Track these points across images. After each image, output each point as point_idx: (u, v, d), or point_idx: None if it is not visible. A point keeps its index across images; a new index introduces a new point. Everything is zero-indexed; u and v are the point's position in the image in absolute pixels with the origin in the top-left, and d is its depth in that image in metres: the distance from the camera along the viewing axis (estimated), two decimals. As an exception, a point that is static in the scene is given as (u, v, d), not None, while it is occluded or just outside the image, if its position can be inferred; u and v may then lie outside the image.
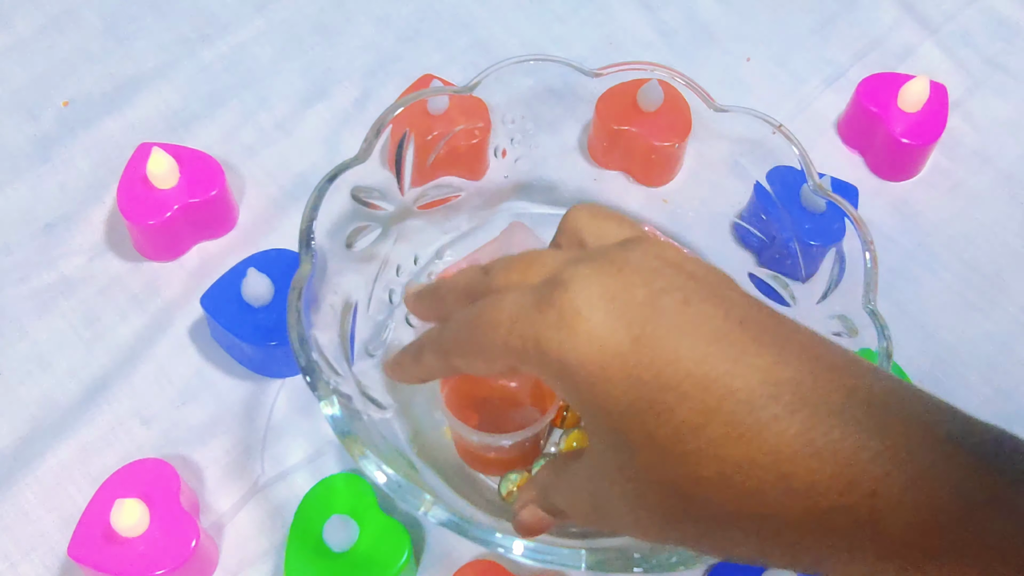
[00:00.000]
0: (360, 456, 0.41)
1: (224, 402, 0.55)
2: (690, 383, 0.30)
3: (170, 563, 0.47)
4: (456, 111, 0.54)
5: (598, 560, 0.40)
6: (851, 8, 0.72)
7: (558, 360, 0.31)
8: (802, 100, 0.68)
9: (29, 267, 0.59)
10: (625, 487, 0.33)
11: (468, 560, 0.50)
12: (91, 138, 0.64)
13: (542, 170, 0.58)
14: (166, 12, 0.70)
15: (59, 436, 0.54)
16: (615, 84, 0.55)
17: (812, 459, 0.28)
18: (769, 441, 0.29)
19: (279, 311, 0.54)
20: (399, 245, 0.55)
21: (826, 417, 0.29)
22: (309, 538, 0.48)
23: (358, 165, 0.49)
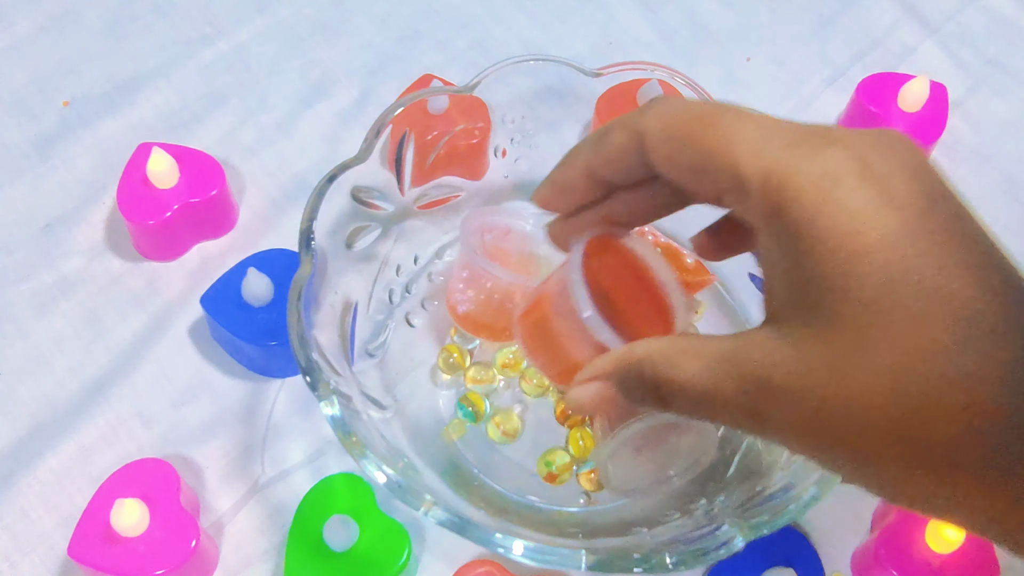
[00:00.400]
0: (360, 456, 0.41)
1: (224, 402, 0.55)
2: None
3: (170, 563, 0.47)
4: (456, 111, 0.54)
5: (598, 560, 0.40)
6: (851, 8, 0.72)
7: (805, 207, 0.29)
8: (802, 100, 0.68)
9: (29, 267, 0.59)
10: (848, 373, 0.28)
11: (468, 560, 0.50)
12: (91, 138, 0.64)
13: (542, 170, 0.58)
14: (166, 12, 0.70)
15: (59, 436, 0.54)
16: (615, 84, 0.55)
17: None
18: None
19: (279, 311, 0.54)
20: (399, 245, 0.55)
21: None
22: (309, 538, 0.48)
23: (358, 165, 0.49)
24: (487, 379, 0.53)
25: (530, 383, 0.53)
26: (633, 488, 0.49)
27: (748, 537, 0.40)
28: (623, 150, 0.35)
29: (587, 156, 0.36)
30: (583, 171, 0.37)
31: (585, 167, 0.37)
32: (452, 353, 0.54)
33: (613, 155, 0.35)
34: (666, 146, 0.33)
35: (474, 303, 0.52)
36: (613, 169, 0.36)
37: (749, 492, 0.46)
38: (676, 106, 0.33)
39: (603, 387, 0.35)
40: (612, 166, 0.36)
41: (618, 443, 0.46)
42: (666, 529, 0.47)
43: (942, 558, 0.48)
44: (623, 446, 0.46)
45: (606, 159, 0.36)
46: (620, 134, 0.35)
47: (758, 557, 0.49)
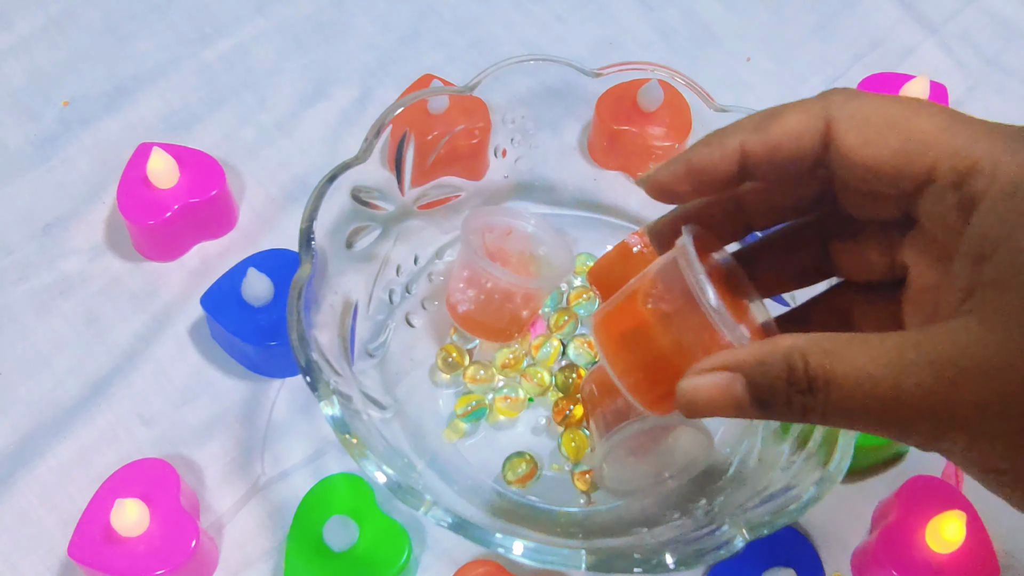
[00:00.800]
0: (360, 456, 0.41)
1: (224, 402, 0.55)
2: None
3: (170, 563, 0.47)
4: (456, 111, 0.54)
5: (598, 560, 0.40)
6: (851, 8, 0.72)
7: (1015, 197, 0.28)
8: (802, 100, 0.68)
9: (29, 267, 0.59)
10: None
11: (468, 560, 0.50)
12: (91, 138, 0.64)
13: (542, 170, 0.58)
14: (166, 12, 0.70)
15: (59, 436, 0.54)
16: (615, 84, 0.55)
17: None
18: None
19: (279, 311, 0.54)
20: (399, 245, 0.55)
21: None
22: (309, 538, 0.48)
23: (358, 165, 0.49)
24: (486, 378, 0.53)
25: (531, 381, 0.53)
26: (628, 489, 0.49)
27: (748, 537, 0.40)
28: (798, 134, 0.32)
29: (745, 137, 0.33)
30: (734, 154, 0.33)
31: (739, 150, 0.33)
32: (451, 353, 0.54)
33: (784, 139, 0.32)
34: (862, 132, 0.31)
35: (474, 303, 0.52)
36: (778, 155, 0.32)
37: (749, 492, 0.46)
38: (861, 95, 0.32)
39: (729, 381, 0.31)
40: (778, 152, 0.32)
41: (613, 444, 0.46)
42: (666, 529, 0.47)
43: (942, 558, 0.48)
44: (618, 447, 0.46)
45: (773, 143, 0.32)
46: (797, 116, 0.32)
47: (758, 557, 0.49)
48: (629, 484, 0.49)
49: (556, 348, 0.54)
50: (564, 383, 0.54)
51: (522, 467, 0.51)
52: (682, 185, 0.35)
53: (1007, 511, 0.52)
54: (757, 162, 0.33)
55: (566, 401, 0.53)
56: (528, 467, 0.51)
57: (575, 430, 0.52)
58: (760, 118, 0.33)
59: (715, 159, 0.33)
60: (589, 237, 0.59)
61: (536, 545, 0.40)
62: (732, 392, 0.31)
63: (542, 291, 0.53)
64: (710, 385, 0.31)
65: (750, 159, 0.33)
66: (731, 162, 0.33)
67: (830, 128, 0.31)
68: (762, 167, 0.33)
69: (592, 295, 0.56)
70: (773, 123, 0.32)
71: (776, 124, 0.32)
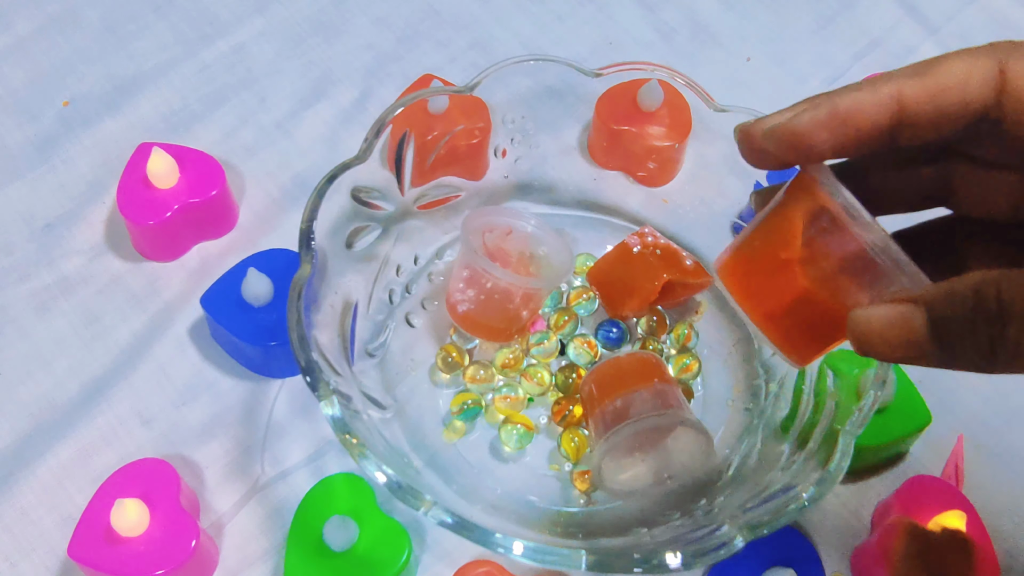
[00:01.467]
0: (360, 456, 0.41)
1: (224, 402, 0.55)
2: None
3: (170, 563, 0.47)
4: (456, 111, 0.54)
5: (598, 560, 0.40)
6: (851, 8, 0.72)
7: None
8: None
9: (29, 267, 0.59)
10: None
11: (468, 560, 0.50)
12: (91, 138, 0.64)
13: (542, 170, 0.58)
14: (166, 12, 0.70)
15: (59, 436, 0.54)
16: (615, 84, 0.55)
17: None
18: None
19: (279, 311, 0.54)
20: (399, 245, 0.55)
21: None
22: (309, 538, 0.48)
23: (358, 165, 0.49)
24: (486, 378, 0.53)
25: (531, 381, 0.53)
26: (626, 491, 0.49)
27: (748, 537, 0.40)
28: (965, 78, 0.29)
29: (903, 82, 0.30)
30: (891, 100, 0.30)
31: (895, 96, 0.30)
32: (451, 353, 0.54)
33: (950, 82, 0.29)
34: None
35: (474, 303, 0.52)
36: (942, 100, 0.29)
37: (749, 492, 0.46)
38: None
39: (909, 312, 0.28)
40: (942, 97, 0.29)
41: (611, 445, 0.46)
42: (666, 529, 0.47)
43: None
44: (616, 448, 0.46)
45: (937, 87, 0.29)
46: (964, 60, 0.29)
47: (758, 557, 0.49)
48: (628, 485, 0.49)
49: (553, 343, 0.54)
50: (564, 383, 0.54)
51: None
52: (821, 134, 0.31)
53: (1007, 511, 0.52)
54: (917, 110, 0.30)
55: (566, 401, 0.53)
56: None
57: (575, 430, 0.52)
58: (919, 65, 0.30)
59: (866, 104, 0.30)
60: (589, 237, 0.59)
61: (536, 545, 0.40)
62: (911, 325, 0.28)
63: (542, 291, 0.53)
64: (886, 316, 0.28)
65: (909, 107, 0.30)
66: (886, 109, 0.30)
67: (1004, 72, 0.29)
68: (923, 116, 0.30)
69: (592, 295, 0.56)
70: (936, 67, 0.30)
71: (940, 68, 0.30)
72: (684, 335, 0.56)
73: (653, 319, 0.55)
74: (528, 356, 0.55)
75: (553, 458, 0.53)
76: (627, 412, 0.46)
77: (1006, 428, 0.56)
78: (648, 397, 0.48)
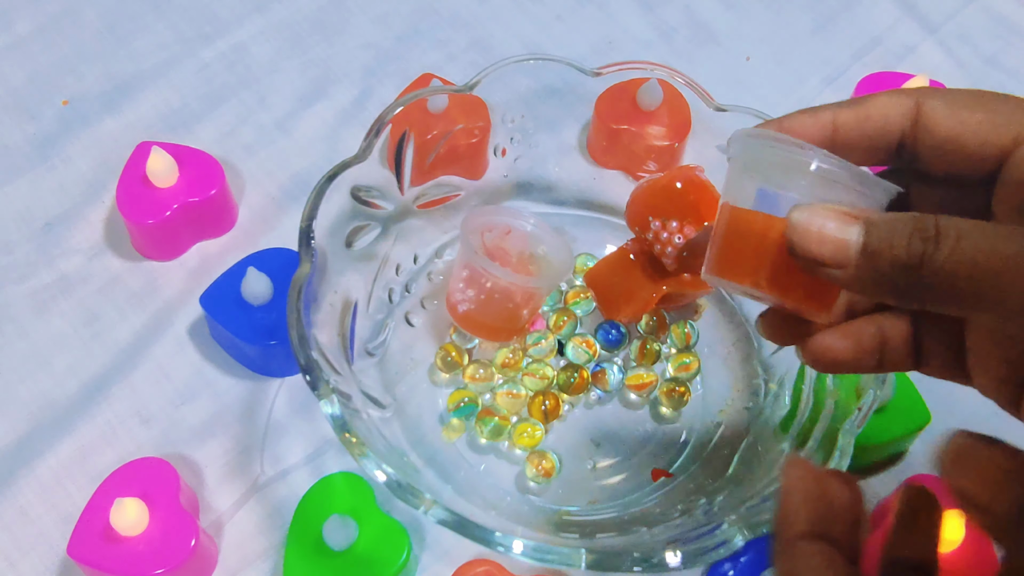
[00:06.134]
0: (360, 455, 0.41)
1: (224, 401, 0.55)
2: None
3: (169, 562, 0.47)
4: (456, 110, 0.54)
5: (598, 559, 0.40)
6: (851, 7, 0.73)
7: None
8: (802, 99, 0.68)
9: (29, 267, 0.59)
10: None
11: (467, 559, 0.50)
12: (91, 137, 0.64)
13: (542, 169, 0.58)
14: (166, 12, 0.70)
15: (59, 435, 0.54)
16: (615, 83, 0.55)
17: None
18: None
19: (279, 310, 0.54)
20: (399, 244, 0.55)
21: None
22: (308, 537, 0.48)
23: (358, 164, 0.49)
24: (485, 377, 0.53)
25: (533, 377, 0.53)
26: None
27: (748, 536, 0.40)
28: (888, 110, 0.35)
29: (837, 111, 0.35)
30: (827, 124, 0.36)
31: (831, 121, 0.35)
32: (450, 352, 0.54)
33: (875, 112, 0.35)
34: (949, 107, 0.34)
35: (474, 303, 0.52)
36: (868, 125, 0.35)
37: (749, 491, 0.46)
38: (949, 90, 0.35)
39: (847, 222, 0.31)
40: (868, 122, 0.35)
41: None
42: (666, 528, 0.47)
43: (942, 557, 0.48)
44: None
45: (864, 115, 0.35)
46: (889, 96, 0.35)
47: (758, 557, 0.49)
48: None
49: (551, 343, 0.54)
50: (566, 382, 0.54)
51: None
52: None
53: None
54: (848, 134, 0.35)
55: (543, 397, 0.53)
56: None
57: (543, 453, 0.52)
58: (855, 99, 0.36)
59: (807, 126, 0.36)
60: (588, 236, 0.59)
61: (536, 544, 0.40)
62: (845, 232, 0.30)
63: (542, 291, 0.53)
64: (825, 220, 0.31)
65: (840, 131, 0.35)
66: (823, 131, 0.35)
67: (920, 106, 0.35)
68: (852, 137, 0.35)
69: (590, 295, 0.56)
70: (866, 100, 0.36)
71: (870, 101, 0.35)
72: (684, 335, 0.56)
73: (653, 319, 0.55)
74: (526, 356, 0.55)
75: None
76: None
77: (1006, 428, 0.56)
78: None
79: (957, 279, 0.29)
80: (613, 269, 0.54)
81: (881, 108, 0.35)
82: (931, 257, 0.29)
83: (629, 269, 0.53)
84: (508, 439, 0.52)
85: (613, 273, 0.54)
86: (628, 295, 0.53)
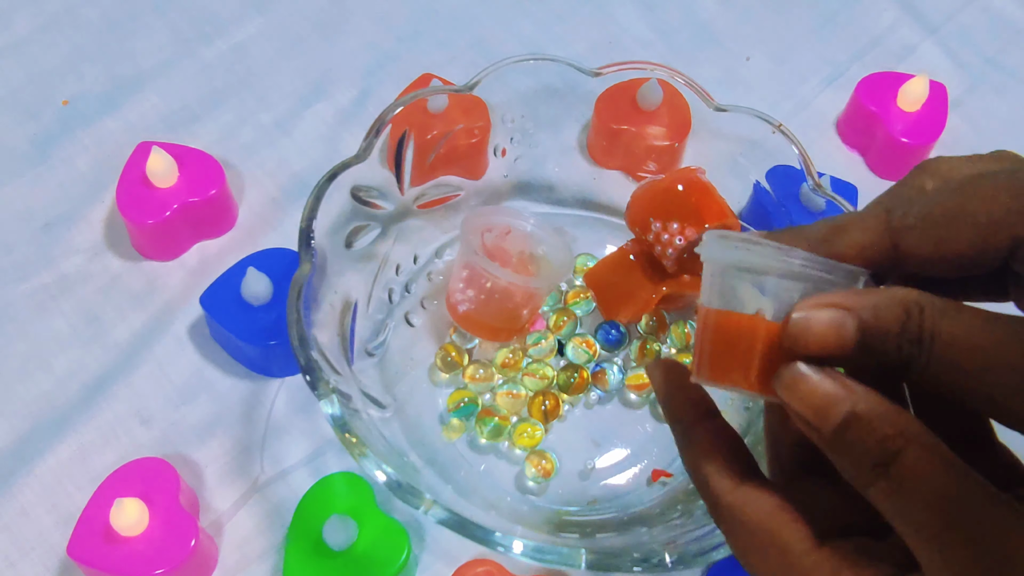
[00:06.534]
0: (360, 455, 0.41)
1: (223, 401, 0.55)
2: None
3: (169, 562, 0.47)
4: (456, 110, 0.54)
5: (597, 559, 0.40)
6: (851, 7, 0.73)
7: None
8: (802, 99, 0.68)
9: (29, 267, 0.59)
10: None
11: (468, 559, 0.50)
12: (91, 137, 0.64)
13: (542, 169, 0.58)
14: (166, 11, 0.70)
15: (59, 435, 0.54)
16: (615, 83, 0.55)
17: None
18: None
19: (278, 310, 0.54)
20: (399, 244, 0.55)
21: None
22: (308, 537, 0.48)
23: (358, 164, 0.49)
24: (485, 377, 0.53)
25: (533, 377, 0.53)
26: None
27: (748, 536, 0.40)
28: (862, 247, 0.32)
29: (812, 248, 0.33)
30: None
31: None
32: (450, 352, 0.54)
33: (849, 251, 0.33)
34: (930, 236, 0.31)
35: (474, 303, 0.52)
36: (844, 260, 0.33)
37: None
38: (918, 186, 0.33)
39: (842, 318, 0.30)
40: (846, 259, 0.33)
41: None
42: (666, 529, 0.47)
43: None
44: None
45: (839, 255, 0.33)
46: (861, 233, 0.32)
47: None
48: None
49: (551, 343, 0.54)
50: (566, 382, 0.54)
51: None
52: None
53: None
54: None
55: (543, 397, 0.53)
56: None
57: (542, 452, 0.52)
58: (826, 230, 0.33)
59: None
60: (589, 236, 0.59)
61: (536, 544, 0.40)
62: (843, 330, 0.29)
63: (542, 290, 0.53)
64: (824, 319, 0.30)
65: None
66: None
67: (897, 242, 0.32)
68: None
69: (590, 295, 0.56)
70: (838, 238, 0.33)
71: (841, 239, 0.33)
72: (684, 335, 0.56)
73: (653, 319, 0.55)
74: (526, 356, 0.55)
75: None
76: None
77: (1005, 427, 0.56)
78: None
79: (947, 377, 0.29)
80: (613, 269, 0.54)
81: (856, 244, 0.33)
82: (916, 360, 0.29)
83: (629, 269, 0.53)
84: (508, 439, 0.52)
85: (613, 273, 0.54)
86: (628, 295, 0.53)
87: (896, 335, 0.29)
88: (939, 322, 0.29)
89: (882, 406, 0.29)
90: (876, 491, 0.29)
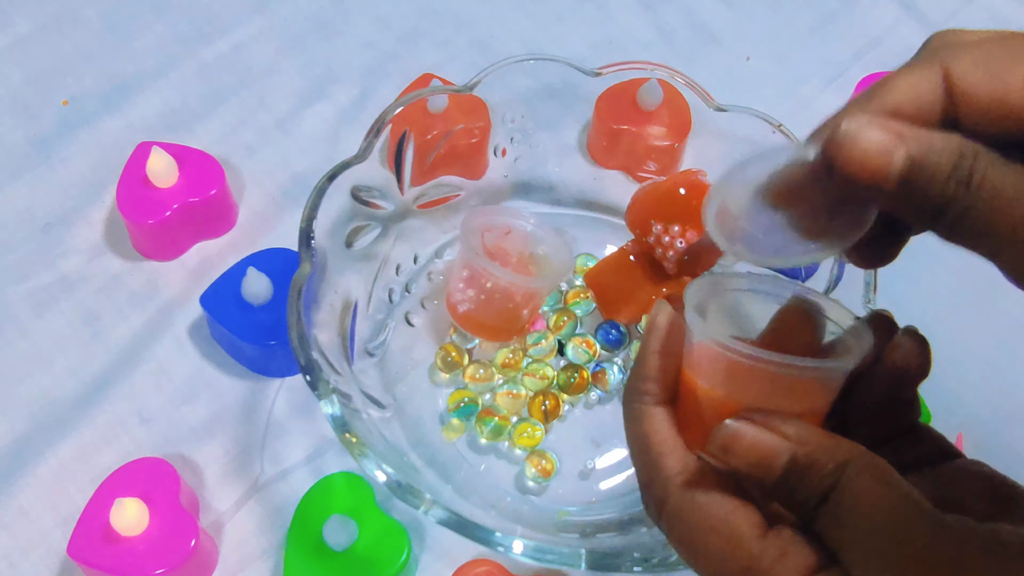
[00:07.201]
0: (360, 455, 0.41)
1: (224, 401, 0.55)
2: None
3: (169, 562, 0.47)
4: (456, 110, 0.54)
5: (598, 559, 0.40)
6: (851, 7, 0.73)
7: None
8: (802, 99, 0.68)
9: (29, 267, 0.59)
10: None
11: (467, 559, 0.50)
12: (91, 137, 0.64)
13: (542, 169, 0.58)
14: (166, 11, 0.70)
15: (59, 435, 0.54)
16: (615, 83, 0.55)
17: None
18: None
19: (279, 310, 0.54)
20: (399, 244, 0.55)
21: None
22: (309, 537, 0.48)
23: (358, 164, 0.49)
24: (485, 377, 0.53)
25: (533, 377, 0.53)
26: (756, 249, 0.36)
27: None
28: (916, 93, 0.30)
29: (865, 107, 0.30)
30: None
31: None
32: (450, 352, 0.54)
33: (902, 101, 0.30)
34: (986, 71, 0.29)
35: (474, 303, 0.52)
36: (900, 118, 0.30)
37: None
38: (964, 33, 0.30)
39: (895, 145, 0.28)
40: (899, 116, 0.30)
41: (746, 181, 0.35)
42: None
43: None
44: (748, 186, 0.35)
45: (890, 109, 0.30)
46: (909, 77, 0.30)
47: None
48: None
49: (551, 343, 0.54)
50: (565, 382, 0.54)
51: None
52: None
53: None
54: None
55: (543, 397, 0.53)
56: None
57: (542, 452, 0.52)
58: (869, 92, 0.31)
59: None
60: (589, 236, 0.59)
61: (536, 544, 0.40)
62: (890, 158, 0.28)
63: (542, 290, 0.53)
64: (875, 139, 0.28)
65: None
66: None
67: (948, 77, 0.30)
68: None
69: (590, 295, 0.56)
70: (883, 90, 0.30)
71: (887, 90, 0.30)
72: (684, 334, 0.55)
73: (653, 318, 0.55)
74: (526, 356, 0.55)
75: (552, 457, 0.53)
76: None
77: (1006, 428, 0.56)
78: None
79: (986, 224, 0.28)
80: (613, 270, 0.54)
81: (908, 90, 0.30)
82: (959, 199, 0.28)
83: (629, 270, 0.53)
84: (508, 439, 0.52)
85: (613, 274, 0.54)
86: (628, 296, 0.53)
87: (946, 175, 0.28)
88: (989, 169, 0.27)
89: (820, 441, 0.30)
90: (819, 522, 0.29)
